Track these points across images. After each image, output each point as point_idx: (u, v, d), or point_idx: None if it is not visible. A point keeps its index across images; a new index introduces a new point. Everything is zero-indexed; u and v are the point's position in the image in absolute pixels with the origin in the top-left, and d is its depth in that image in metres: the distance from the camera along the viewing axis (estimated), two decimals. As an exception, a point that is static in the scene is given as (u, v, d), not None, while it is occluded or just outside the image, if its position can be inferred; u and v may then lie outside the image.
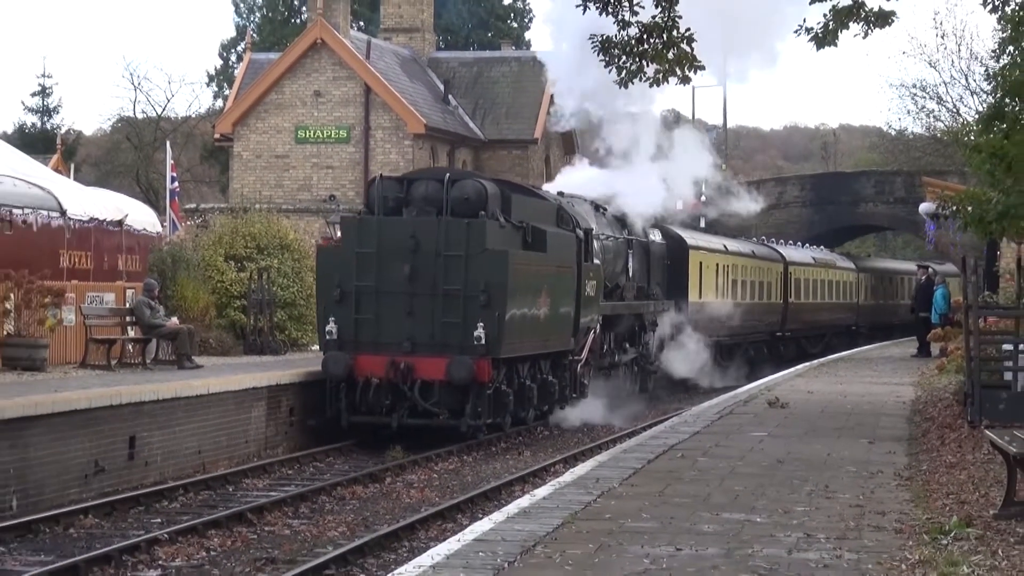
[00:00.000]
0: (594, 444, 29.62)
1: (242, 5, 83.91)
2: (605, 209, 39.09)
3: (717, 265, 48.80)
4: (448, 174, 31.09)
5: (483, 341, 28.41)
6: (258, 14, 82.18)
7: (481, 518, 16.95)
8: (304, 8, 72.73)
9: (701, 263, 46.75)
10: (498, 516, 15.67)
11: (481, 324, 28.39)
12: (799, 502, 16.37)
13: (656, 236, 43.32)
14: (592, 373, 35.91)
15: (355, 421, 29.28)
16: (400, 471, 25.98)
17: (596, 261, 35.29)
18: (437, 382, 28.75)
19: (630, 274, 39.92)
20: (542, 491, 17.75)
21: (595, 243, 35.57)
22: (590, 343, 34.88)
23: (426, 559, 13.13)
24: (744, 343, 51.90)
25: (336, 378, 29.14)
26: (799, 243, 63.99)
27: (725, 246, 51.02)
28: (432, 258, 28.99)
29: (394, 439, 28.55)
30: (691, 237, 46.97)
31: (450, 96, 62.04)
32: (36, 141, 70.94)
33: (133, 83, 76.34)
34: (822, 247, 67.46)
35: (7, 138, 63.50)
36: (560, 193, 36.38)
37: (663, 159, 43.41)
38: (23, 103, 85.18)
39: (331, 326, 29.27)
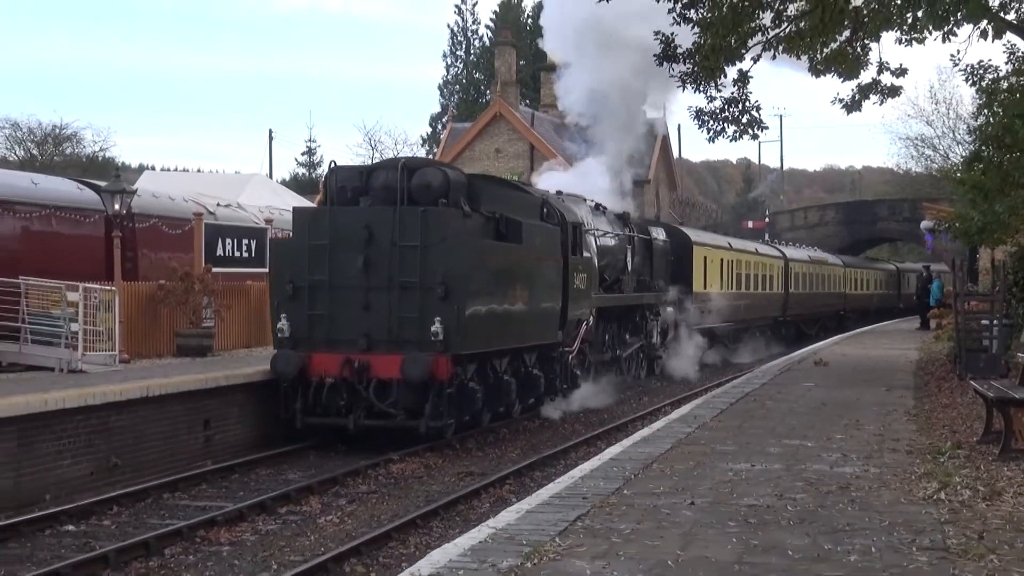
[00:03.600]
0: (692, 392, 29.25)
1: (445, 89, 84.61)
2: (605, 208, 30.18)
3: (721, 260, 40.54)
4: (403, 161, 21.50)
5: (440, 337, 19.65)
6: (456, 96, 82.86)
7: (614, 444, 16.91)
8: (488, 92, 73.12)
9: (705, 258, 38.56)
10: (626, 442, 15.61)
11: (439, 319, 19.66)
12: (837, 432, 16.17)
13: (660, 234, 34.88)
14: (589, 363, 27.48)
15: (310, 423, 20.41)
16: (557, 411, 25.86)
17: (587, 254, 26.39)
18: (394, 381, 19.94)
19: (630, 268, 31.21)
20: (657, 425, 17.69)
21: (591, 238, 27.39)
22: (582, 335, 26.02)
23: (576, 472, 13.12)
24: (751, 327, 44.53)
25: (286, 378, 20.28)
26: (798, 244, 61.13)
27: (730, 243, 43.18)
28: (387, 249, 20.14)
29: (353, 441, 20.40)
30: (695, 235, 39.23)
31: (588, 151, 61.96)
32: (305, 186, 71.59)
33: (371, 144, 76.84)
34: (816, 247, 62.92)
35: (285, 183, 64.56)
36: (559, 192, 27.16)
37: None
38: (296, 159, 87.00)
39: (283, 323, 20.46)
